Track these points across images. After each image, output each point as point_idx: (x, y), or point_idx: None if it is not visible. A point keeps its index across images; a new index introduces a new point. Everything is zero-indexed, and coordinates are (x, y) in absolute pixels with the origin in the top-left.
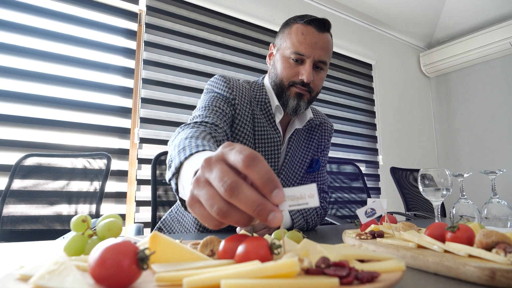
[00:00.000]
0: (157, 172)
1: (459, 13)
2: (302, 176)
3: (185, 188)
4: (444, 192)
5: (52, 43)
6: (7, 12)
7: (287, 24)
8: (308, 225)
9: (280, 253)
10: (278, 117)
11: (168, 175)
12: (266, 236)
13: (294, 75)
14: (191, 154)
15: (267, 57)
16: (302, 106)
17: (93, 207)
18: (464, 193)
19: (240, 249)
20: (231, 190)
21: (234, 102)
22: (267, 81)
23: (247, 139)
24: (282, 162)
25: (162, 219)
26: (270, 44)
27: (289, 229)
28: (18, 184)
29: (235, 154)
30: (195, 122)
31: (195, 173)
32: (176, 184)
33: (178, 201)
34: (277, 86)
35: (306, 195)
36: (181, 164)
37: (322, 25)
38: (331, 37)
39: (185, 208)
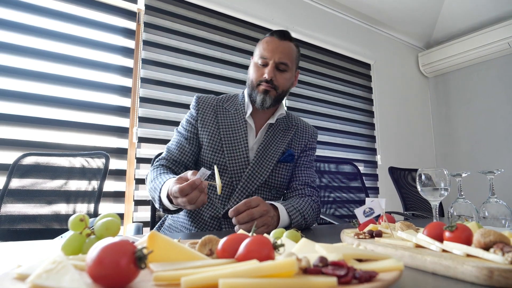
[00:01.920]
0: None
1: (458, 13)
2: (274, 165)
3: (164, 202)
4: (442, 192)
5: (50, 42)
6: (5, 11)
7: (259, 41)
8: (306, 221)
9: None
10: (249, 112)
11: (157, 206)
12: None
13: (260, 76)
14: (160, 189)
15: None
16: (268, 100)
17: (91, 206)
18: (462, 193)
19: (242, 247)
20: (181, 192)
21: (197, 114)
22: (246, 89)
23: (212, 134)
24: (256, 151)
25: (161, 218)
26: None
27: (287, 227)
28: (16, 183)
29: (175, 193)
30: (161, 164)
31: (167, 195)
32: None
33: (161, 209)
34: (250, 88)
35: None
36: (159, 197)
37: (282, 34)
38: (297, 47)
39: (168, 212)
